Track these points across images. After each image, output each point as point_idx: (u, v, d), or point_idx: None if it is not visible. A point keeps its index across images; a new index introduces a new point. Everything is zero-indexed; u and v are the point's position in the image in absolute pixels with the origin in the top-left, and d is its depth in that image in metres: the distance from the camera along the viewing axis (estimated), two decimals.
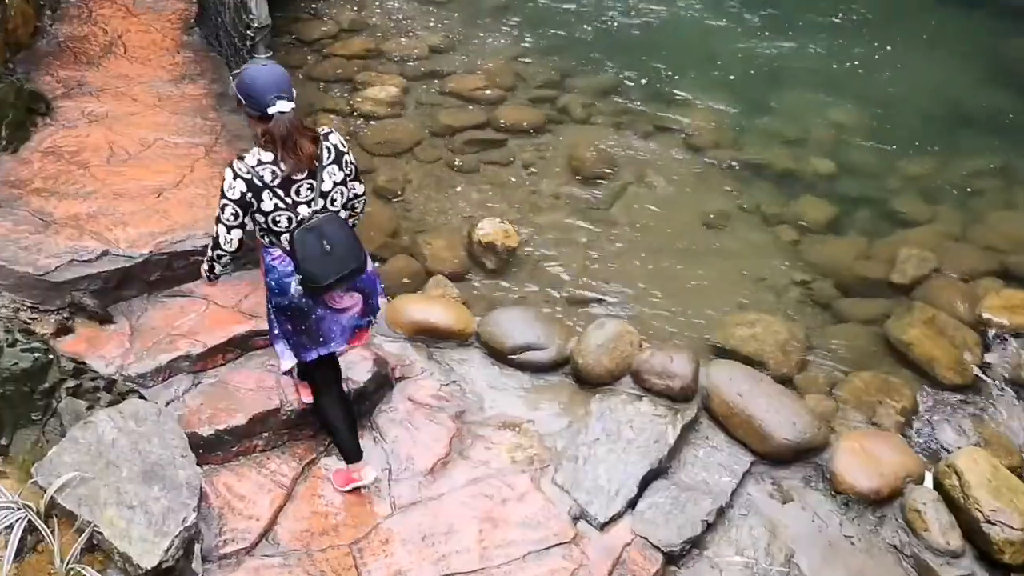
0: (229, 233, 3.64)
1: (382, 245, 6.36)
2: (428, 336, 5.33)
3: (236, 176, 3.52)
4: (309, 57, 8.56)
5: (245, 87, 3.56)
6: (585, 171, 7.24)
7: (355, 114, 7.78)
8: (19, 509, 3.43)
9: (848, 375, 5.47)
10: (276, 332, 3.99)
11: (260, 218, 3.62)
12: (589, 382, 5.09)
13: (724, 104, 8.10)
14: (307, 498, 4.23)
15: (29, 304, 4.50)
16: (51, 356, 4.13)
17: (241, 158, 3.57)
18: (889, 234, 6.71)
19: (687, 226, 6.73)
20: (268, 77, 3.55)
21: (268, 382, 4.58)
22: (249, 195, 3.53)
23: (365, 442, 4.40)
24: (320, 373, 4.17)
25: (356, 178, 3.86)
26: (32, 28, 6.46)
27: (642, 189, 7.11)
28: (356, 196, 3.89)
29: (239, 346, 4.74)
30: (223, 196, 3.55)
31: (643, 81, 8.39)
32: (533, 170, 7.32)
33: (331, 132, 3.73)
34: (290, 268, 3.74)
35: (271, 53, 5.01)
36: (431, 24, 9.17)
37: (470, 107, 7.98)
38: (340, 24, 9.02)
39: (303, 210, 3.63)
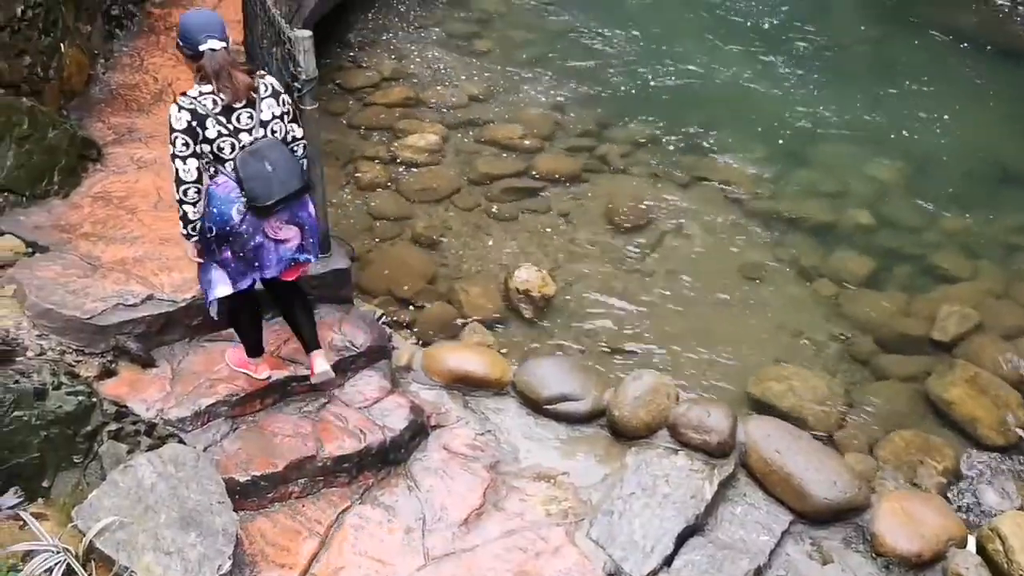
0: (185, 163, 3.91)
1: (420, 291, 6.42)
2: (464, 384, 5.34)
3: (180, 108, 3.86)
4: (351, 105, 8.72)
5: (181, 31, 3.96)
6: (622, 221, 7.26)
7: (395, 161, 7.90)
8: (58, 552, 3.47)
9: (889, 434, 5.40)
10: (213, 263, 4.19)
11: (206, 147, 3.93)
12: (625, 435, 5.06)
13: (761, 156, 8.11)
14: (341, 546, 4.23)
15: (75, 347, 4.58)
16: (94, 399, 4.19)
17: (184, 95, 3.91)
18: (929, 290, 6.65)
19: (724, 277, 6.71)
20: (200, 19, 4.01)
21: (305, 428, 4.62)
22: (194, 123, 3.86)
23: (400, 491, 4.41)
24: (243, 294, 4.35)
25: (295, 120, 4.29)
26: (86, 76, 6.64)
27: (679, 240, 7.11)
28: (295, 139, 4.27)
29: (277, 391, 4.78)
30: (172, 131, 3.86)
31: (680, 133, 8.42)
32: (570, 219, 7.36)
33: (264, 74, 4.19)
34: (233, 194, 4.03)
35: (317, 104, 5.08)
36: (470, 74, 9.30)
37: (508, 155, 8.06)
38: (382, 73, 9.18)
39: (245, 137, 4.00)
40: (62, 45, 6.21)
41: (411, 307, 6.32)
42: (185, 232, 4.10)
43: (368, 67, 9.31)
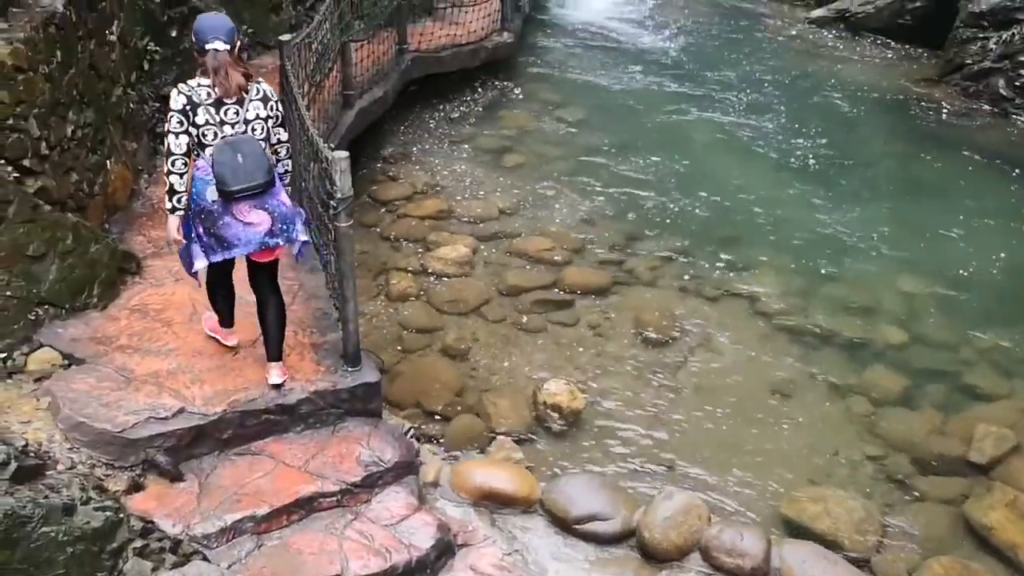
0: (177, 139, 4.56)
1: (448, 403, 6.41)
2: (492, 502, 5.27)
3: (179, 92, 4.56)
4: (384, 216, 8.91)
5: (195, 29, 4.61)
6: (651, 334, 7.26)
7: (426, 272, 8.00)
8: None
9: (927, 560, 5.21)
10: (192, 236, 4.75)
11: (193, 131, 4.56)
12: (655, 557, 4.95)
13: (790, 271, 8.13)
14: None
15: (104, 461, 4.60)
16: (121, 515, 4.18)
17: (185, 83, 4.61)
18: (964, 409, 6.53)
19: (755, 394, 6.65)
20: (211, 22, 4.64)
21: (331, 546, 4.56)
22: (188, 107, 4.52)
23: None
24: (213, 271, 4.98)
25: (280, 124, 4.85)
26: (129, 191, 6.86)
27: (709, 354, 7.08)
28: (280, 142, 4.88)
29: (304, 507, 4.75)
30: (171, 110, 4.53)
31: (708, 247, 8.49)
32: (599, 332, 7.37)
33: (262, 82, 4.75)
34: (208, 176, 4.59)
35: (352, 220, 5.20)
36: (500, 188, 9.49)
37: (537, 268, 8.14)
38: (414, 186, 9.41)
39: (227, 129, 4.60)
40: (108, 162, 6.45)
41: (439, 420, 6.30)
42: (170, 206, 4.66)
43: (401, 180, 9.54)
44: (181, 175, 4.59)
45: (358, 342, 5.44)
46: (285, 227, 4.80)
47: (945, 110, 11.21)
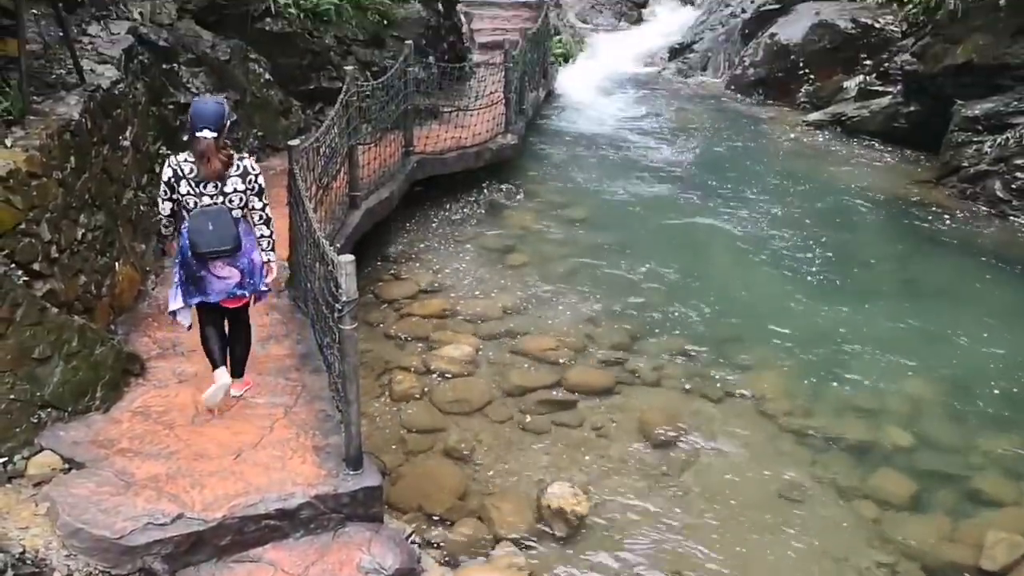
0: (163, 203, 5.45)
1: (450, 507, 6.31)
2: None
3: (168, 165, 5.34)
4: (388, 315, 8.95)
5: (190, 113, 5.36)
6: (655, 436, 7.20)
7: (429, 371, 7.99)
8: None
9: None
10: (176, 281, 5.61)
11: (176, 197, 5.35)
12: None
13: (793, 371, 8.11)
14: None
15: (101, 568, 4.52)
16: None
17: (175, 156, 5.39)
18: (975, 514, 6.41)
19: (762, 498, 6.55)
20: (204, 111, 5.30)
21: None
22: (172, 179, 5.32)
23: None
24: (204, 316, 5.71)
25: (258, 195, 5.56)
26: (136, 292, 6.93)
27: (714, 456, 7.01)
28: (254, 209, 5.58)
29: None
30: (161, 179, 5.38)
31: (711, 346, 8.49)
32: (603, 433, 7.31)
33: (247, 157, 5.50)
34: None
35: (357, 323, 5.23)
36: (504, 287, 9.56)
37: (541, 367, 8.13)
38: (419, 284, 9.48)
39: (205, 199, 5.35)
40: (117, 264, 6.53)
41: (441, 524, 6.20)
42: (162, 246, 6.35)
43: (406, 279, 9.63)
44: (167, 228, 5.62)
45: (360, 445, 5.41)
46: (252, 280, 5.68)
47: (943, 212, 11.36)
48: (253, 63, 10.87)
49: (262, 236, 5.71)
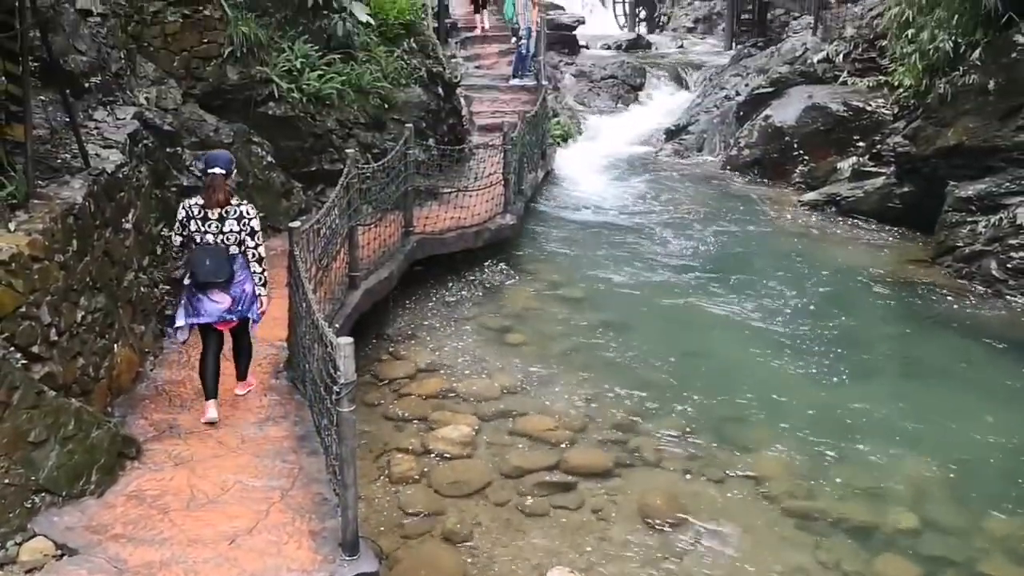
0: (175, 237, 6.80)
1: None
2: None
3: (181, 207, 6.71)
4: (386, 395, 8.91)
5: (204, 157, 7.04)
6: (656, 518, 7.11)
7: (428, 453, 7.93)
8: None
9: None
10: (181, 303, 6.76)
11: (186, 232, 6.64)
12: None
13: (795, 452, 8.04)
14: None
15: None
16: None
17: (190, 199, 6.75)
18: None
19: None
20: (216, 156, 6.80)
21: None
22: (184, 218, 6.64)
23: None
24: (203, 337, 6.80)
25: (252, 236, 6.71)
26: (134, 373, 6.93)
27: (716, 541, 6.90)
28: (248, 247, 6.72)
29: None
30: (176, 217, 6.73)
31: (712, 426, 8.44)
32: (603, 516, 7.22)
33: (245, 203, 6.77)
34: None
35: (355, 406, 5.22)
36: (503, 366, 9.54)
37: (540, 448, 8.07)
38: (417, 364, 9.47)
39: (209, 236, 6.60)
40: (115, 346, 6.54)
41: None
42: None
43: (404, 358, 9.61)
44: (176, 258, 6.88)
45: (357, 529, 5.35)
46: (241, 307, 6.75)
47: (941, 291, 11.40)
48: (256, 146, 11.05)
49: (254, 272, 6.80)
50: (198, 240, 6.59)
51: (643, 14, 30.23)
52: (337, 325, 8.24)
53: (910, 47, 12.56)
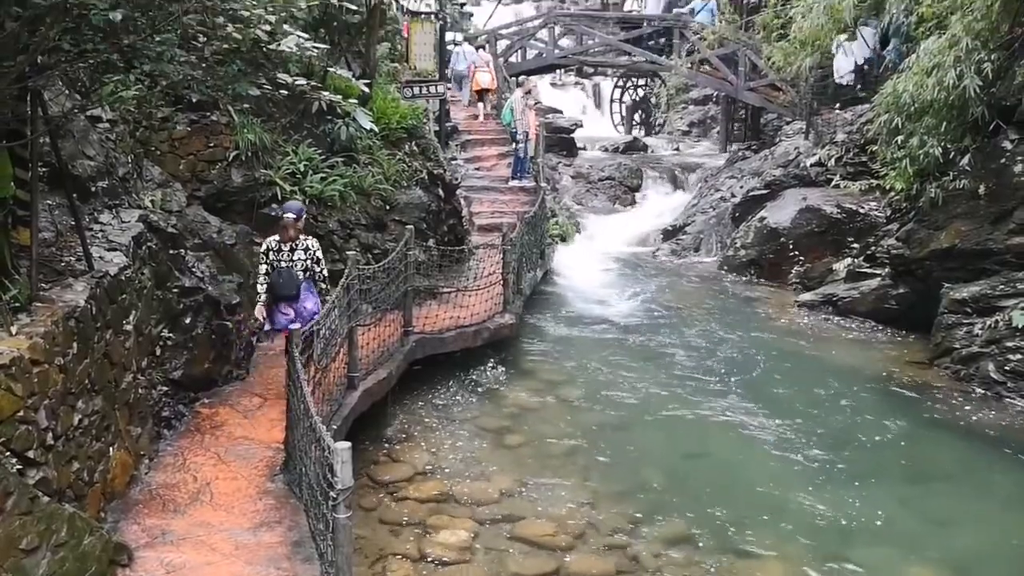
0: (260, 266, 8.78)
1: None
2: None
3: (264, 242, 8.84)
4: (383, 499, 8.78)
5: (282, 206, 9.20)
6: None
7: (425, 558, 7.78)
8: None
9: None
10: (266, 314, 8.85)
11: (269, 260, 8.71)
12: None
13: (797, 557, 7.90)
14: None
15: None
16: None
17: (269, 237, 8.86)
18: None
19: None
20: (290, 205, 9.05)
21: None
22: (267, 249, 8.76)
23: None
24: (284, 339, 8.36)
25: (316, 263, 8.87)
26: (129, 477, 6.86)
27: None
28: (315, 272, 8.89)
29: None
30: (261, 252, 8.86)
31: (714, 530, 8.31)
32: None
33: (310, 238, 8.94)
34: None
35: (351, 512, 5.16)
36: (502, 468, 9.45)
37: (539, 554, 7.93)
38: (415, 467, 9.37)
39: (283, 263, 8.71)
40: (111, 449, 6.50)
41: None
42: (259, 298, 8.81)
43: (402, 461, 9.52)
44: (262, 284, 8.76)
45: None
46: (302, 318, 8.59)
47: (940, 393, 11.37)
48: (258, 246, 11.15)
49: (320, 290, 8.92)
50: (275, 266, 8.68)
51: (640, 117, 30.94)
52: (335, 427, 8.21)
53: (900, 152, 12.82)
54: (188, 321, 8.81)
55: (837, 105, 18.53)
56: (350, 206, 12.36)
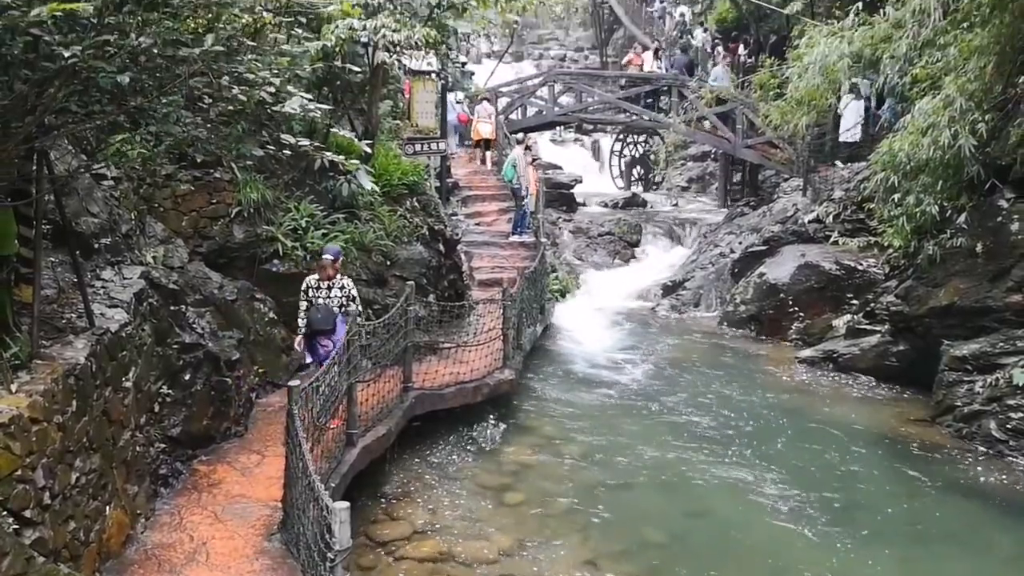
0: (301, 303, 9.73)
1: None
2: None
3: (305, 280, 9.83)
4: (381, 558, 8.67)
5: (322, 248, 10.53)
6: None
7: None
8: None
9: None
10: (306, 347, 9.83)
11: (308, 296, 9.68)
12: None
13: None
14: None
15: None
16: None
17: (310, 276, 9.89)
18: None
19: None
20: (329, 248, 10.12)
21: None
22: (306, 287, 9.75)
23: None
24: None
25: (352, 300, 9.81)
26: (125, 536, 6.79)
27: None
28: (349, 310, 9.73)
29: None
30: (302, 289, 9.81)
31: None
32: None
33: (346, 277, 9.94)
34: None
35: (348, 573, 5.11)
36: (501, 527, 9.35)
37: None
38: (414, 525, 9.27)
39: (320, 299, 9.67)
40: (108, 508, 6.45)
41: None
42: (299, 331, 9.78)
43: (400, 519, 9.42)
44: (302, 318, 9.75)
45: None
46: (334, 350, 9.08)
47: (942, 452, 11.30)
48: (259, 302, 11.22)
49: (351, 324, 9.44)
50: (313, 302, 9.68)
51: (639, 173, 31.20)
52: (333, 484, 8.15)
53: (897, 210, 12.90)
54: (187, 377, 8.80)
55: (839, 161, 18.76)
56: (351, 262, 12.41)
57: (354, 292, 9.84)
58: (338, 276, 9.77)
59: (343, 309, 9.67)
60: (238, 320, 10.46)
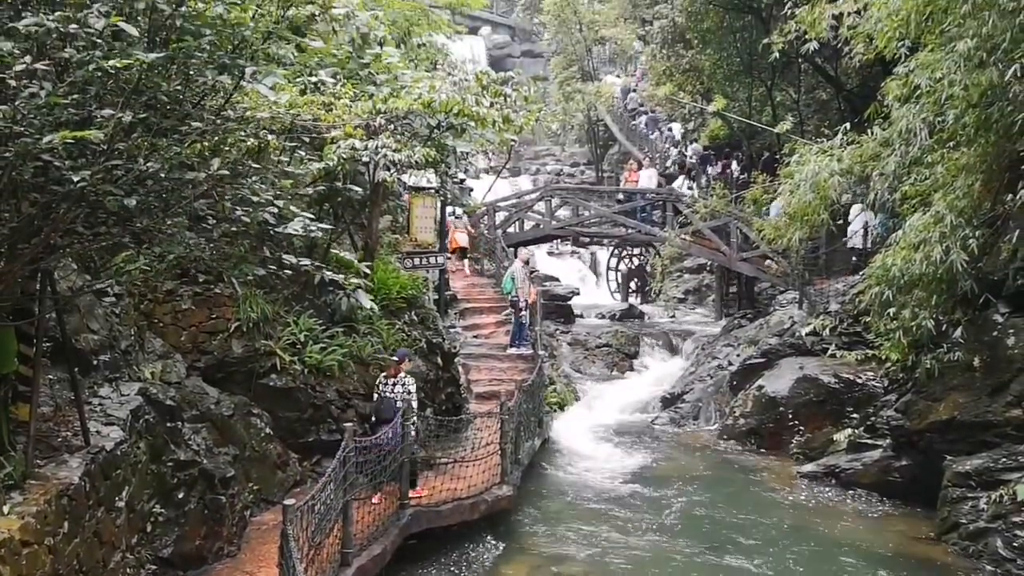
0: (375, 396, 11.61)
1: None
2: None
3: (377, 379, 11.83)
4: None
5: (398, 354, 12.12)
6: None
7: None
8: None
9: None
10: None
11: (379, 390, 11.56)
12: None
13: None
14: None
15: None
16: None
17: (381, 376, 11.84)
18: None
19: None
20: (399, 352, 12.08)
21: None
22: (377, 383, 11.70)
23: None
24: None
25: (409, 394, 11.31)
26: None
27: None
28: (408, 403, 11.17)
29: None
30: (376, 383, 11.81)
31: None
32: None
33: (408, 376, 11.65)
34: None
35: None
36: None
37: None
38: None
39: (387, 392, 11.36)
40: None
41: None
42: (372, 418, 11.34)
43: None
44: (371, 408, 11.50)
45: None
46: (393, 433, 10.49)
47: (948, 572, 11.06)
48: (255, 417, 11.15)
49: (407, 419, 10.95)
50: (380, 395, 11.30)
51: (636, 285, 31.48)
52: None
53: (893, 324, 12.94)
54: (181, 496, 8.67)
55: (847, 269, 19.09)
56: (348, 375, 12.42)
57: (412, 388, 11.38)
58: (402, 374, 11.34)
59: (404, 402, 11.13)
60: (234, 436, 10.38)
